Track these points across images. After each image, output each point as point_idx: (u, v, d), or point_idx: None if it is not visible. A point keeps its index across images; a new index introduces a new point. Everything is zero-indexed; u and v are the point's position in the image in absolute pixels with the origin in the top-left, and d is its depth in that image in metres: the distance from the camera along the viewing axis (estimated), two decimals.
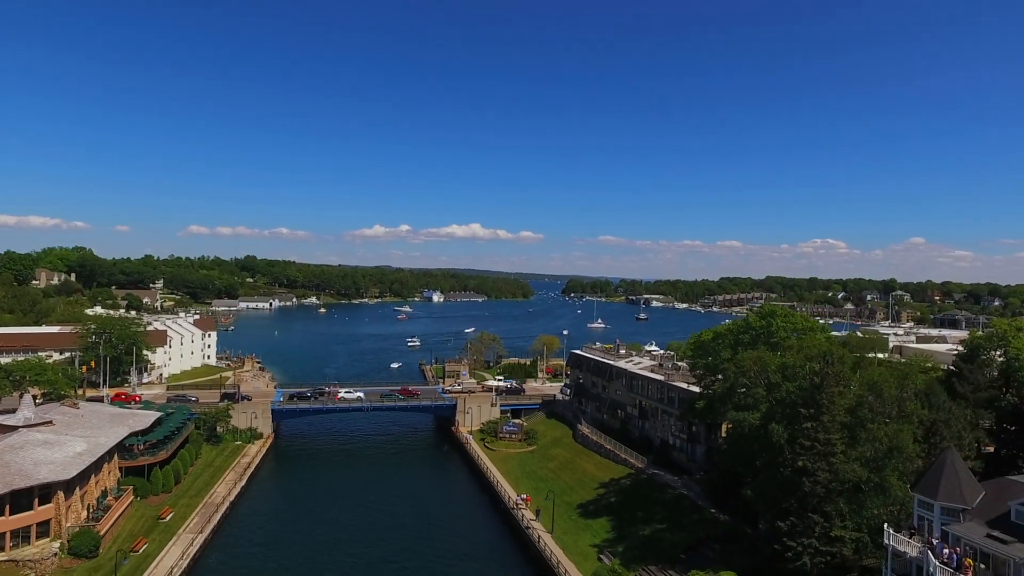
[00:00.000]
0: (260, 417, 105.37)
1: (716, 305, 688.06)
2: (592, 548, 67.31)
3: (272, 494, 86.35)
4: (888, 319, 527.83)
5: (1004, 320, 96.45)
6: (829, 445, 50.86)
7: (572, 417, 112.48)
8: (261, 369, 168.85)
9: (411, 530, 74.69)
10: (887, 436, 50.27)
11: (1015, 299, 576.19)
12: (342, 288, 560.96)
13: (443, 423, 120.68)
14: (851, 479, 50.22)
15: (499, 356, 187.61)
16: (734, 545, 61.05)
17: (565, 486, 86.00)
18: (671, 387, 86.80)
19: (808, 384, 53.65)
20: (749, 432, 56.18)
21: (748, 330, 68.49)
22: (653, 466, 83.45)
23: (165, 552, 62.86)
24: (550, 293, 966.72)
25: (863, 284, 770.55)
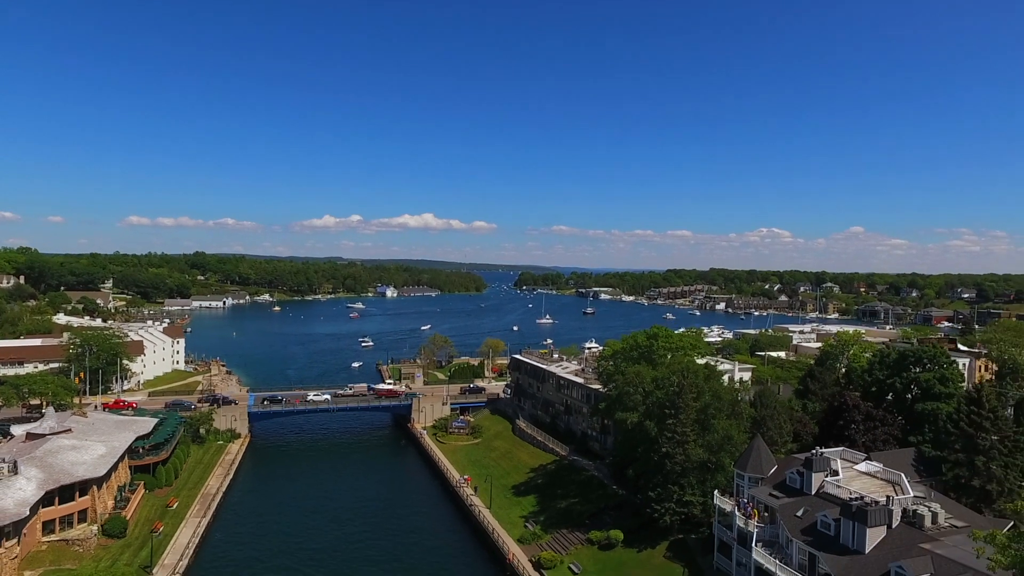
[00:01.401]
0: (238, 419, 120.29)
1: (661, 298, 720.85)
2: (521, 519, 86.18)
3: (255, 484, 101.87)
4: (817, 310, 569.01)
5: (848, 332, 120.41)
6: (684, 436, 70.95)
7: (512, 413, 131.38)
8: (228, 373, 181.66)
9: (374, 510, 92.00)
10: (723, 430, 70.72)
11: (930, 290, 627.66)
12: (295, 285, 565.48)
13: (400, 420, 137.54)
14: (699, 460, 70.48)
15: (450, 356, 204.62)
16: (625, 511, 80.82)
17: (503, 471, 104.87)
18: (588, 389, 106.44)
19: (672, 392, 73.61)
20: (632, 427, 75.89)
21: (637, 347, 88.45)
22: (574, 454, 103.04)
23: (179, 532, 78.57)
24: (503, 286, 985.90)
25: (798, 276, 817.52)
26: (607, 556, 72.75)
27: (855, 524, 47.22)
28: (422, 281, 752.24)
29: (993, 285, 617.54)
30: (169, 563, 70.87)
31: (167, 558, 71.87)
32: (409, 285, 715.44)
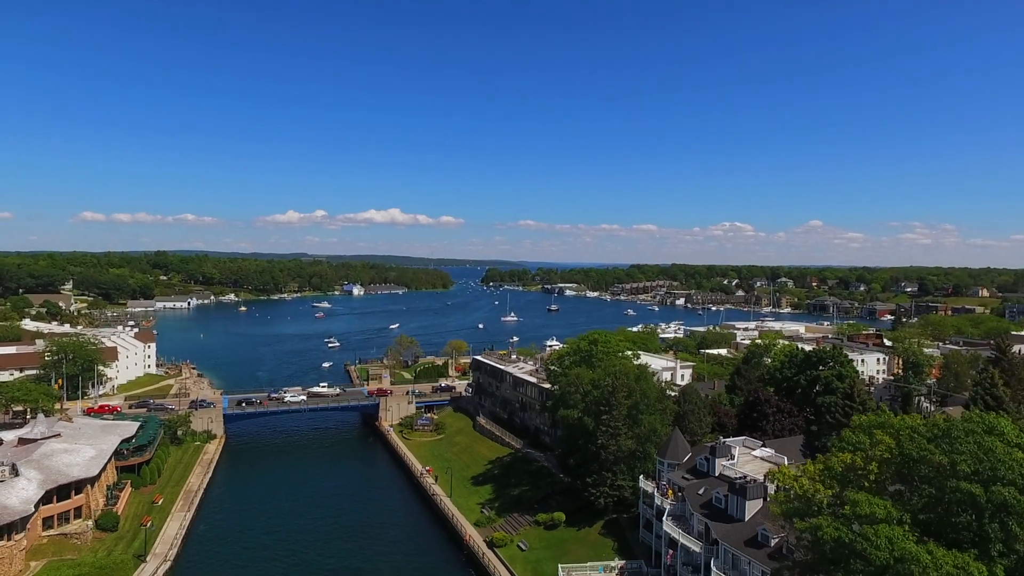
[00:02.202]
0: (214, 421, 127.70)
1: (624, 293, 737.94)
2: (478, 505, 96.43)
3: (233, 481, 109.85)
4: (771, 305, 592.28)
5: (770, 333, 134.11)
6: (616, 430, 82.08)
7: (473, 410, 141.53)
8: (199, 376, 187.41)
9: (345, 501, 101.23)
10: (649, 423, 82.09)
11: (876, 285, 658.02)
12: (260, 284, 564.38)
13: (368, 419, 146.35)
14: (629, 450, 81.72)
15: (416, 356, 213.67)
16: (569, 496, 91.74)
17: (463, 464, 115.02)
18: (541, 388, 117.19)
19: (606, 391, 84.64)
20: (573, 423, 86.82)
21: (579, 352, 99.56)
22: (527, 447, 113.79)
23: (167, 525, 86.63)
24: (470, 283, 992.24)
25: (755, 271, 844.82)
26: (551, 535, 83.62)
27: (738, 498, 58.70)
28: (389, 279, 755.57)
29: (934, 279, 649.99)
30: (160, 552, 79.14)
31: (158, 548, 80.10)
32: (376, 283, 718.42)
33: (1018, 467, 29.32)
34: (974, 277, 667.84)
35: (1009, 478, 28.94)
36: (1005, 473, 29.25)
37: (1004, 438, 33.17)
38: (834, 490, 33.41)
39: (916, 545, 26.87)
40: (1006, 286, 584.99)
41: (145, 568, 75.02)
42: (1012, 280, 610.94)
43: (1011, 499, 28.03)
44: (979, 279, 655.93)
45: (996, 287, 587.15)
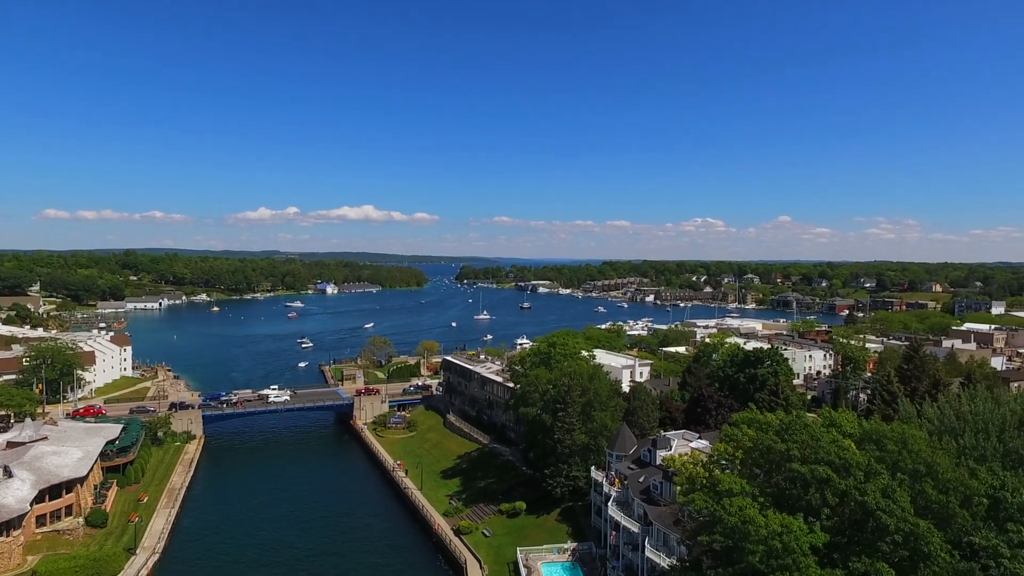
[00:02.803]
0: (194, 422, 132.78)
1: (596, 290, 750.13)
2: (447, 497, 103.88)
3: (214, 478, 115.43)
4: (737, 301, 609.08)
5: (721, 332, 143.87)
6: (571, 425, 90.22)
7: (444, 408, 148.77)
8: (176, 377, 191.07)
9: (321, 495, 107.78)
10: (601, 420, 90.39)
11: (837, 280, 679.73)
12: (232, 283, 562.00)
13: (343, 418, 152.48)
14: (582, 444, 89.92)
15: (389, 356, 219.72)
16: (530, 487, 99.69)
17: (434, 459, 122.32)
18: (506, 387, 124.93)
19: (562, 390, 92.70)
20: (533, 419, 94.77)
21: (539, 353, 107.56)
22: (494, 442, 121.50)
23: (153, 520, 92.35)
24: (444, 280, 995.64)
25: (723, 268, 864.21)
26: (512, 522, 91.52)
27: (667, 483, 67.13)
28: (363, 277, 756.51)
29: (892, 274, 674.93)
30: (148, 545, 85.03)
31: (146, 541, 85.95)
32: (350, 281, 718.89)
33: (836, 452, 37.57)
34: (931, 272, 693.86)
35: (827, 460, 37.16)
36: (823, 456, 37.46)
37: (840, 429, 41.78)
38: (710, 472, 41.67)
39: (757, 512, 34.89)
40: (958, 282, 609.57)
41: (135, 560, 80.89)
42: (963, 276, 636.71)
43: (827, 476, 36.22)
44: (935, 274, 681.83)
45: (948, 283, 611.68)
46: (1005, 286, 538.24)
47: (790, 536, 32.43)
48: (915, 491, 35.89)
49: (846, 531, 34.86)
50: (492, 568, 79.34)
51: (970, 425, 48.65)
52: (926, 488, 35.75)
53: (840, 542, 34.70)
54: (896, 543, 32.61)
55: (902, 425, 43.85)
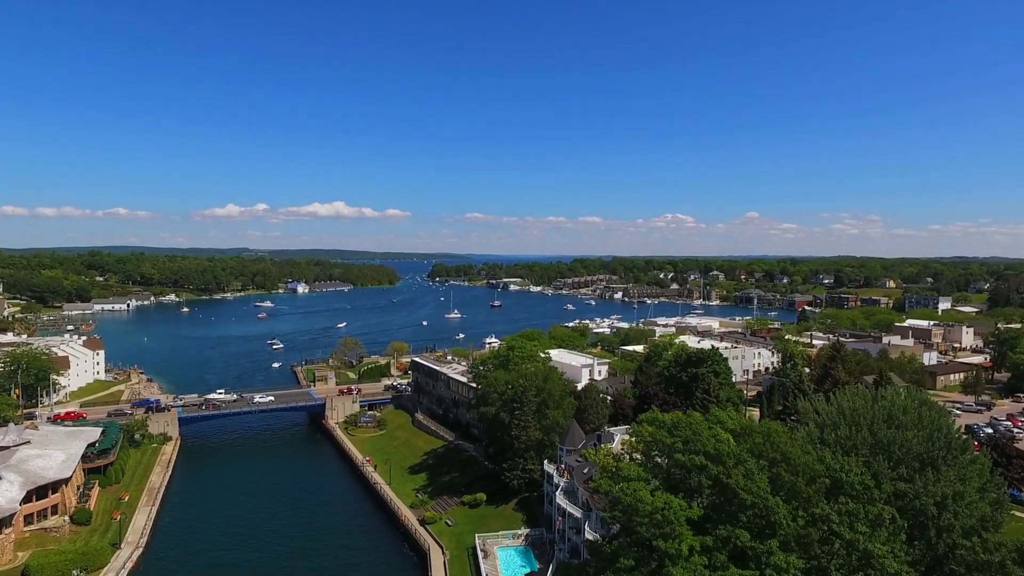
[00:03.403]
0: (170, 424, 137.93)
1: (566, 288, 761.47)
2: (413, 490, 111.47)
3: (192, 477, 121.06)
4: (702, 298, 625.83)
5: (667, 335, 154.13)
6: (526, 423, 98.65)
7: (412, 407, 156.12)
8: (149, 380, 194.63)
9: (295, 490, 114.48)
10: (553, 417, 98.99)
11: (798, 277, 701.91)
12: (202, 283, 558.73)
13: (315, 418, 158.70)
14: (537, 439, 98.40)
15: (361, 357, 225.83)
16: (490, 480, 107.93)
17: (402, 456, 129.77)
18: (470, 387, 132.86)
19: (519, 390, 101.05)
20: (492, 417, 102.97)
21: (499, 356, 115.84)
22: (459, 439, 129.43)
23: (135, 518, 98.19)
24: (416, 278, 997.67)
25: (689, 264, 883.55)
26: (473, 512, 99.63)
27: None
28: (334, 276, 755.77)
29: (850, 270, 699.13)
30: (132, 540, 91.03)
31: (129, 537, 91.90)
32: (321, 280, 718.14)
33: (712, 444, 46.27)
34: (887, 269, 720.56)
35: (703, 451, 45.83)
36: (700, 448, 46.15)
37: (723, 425, 50.77)
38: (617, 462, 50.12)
39: (647, 493, 43.28)
40: (910, 278, 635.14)
41: (120, 554, 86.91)
42: (916, 272, 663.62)
43: (703, 463, 44.81)
44: (891, 270, 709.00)
45: (901, 279, 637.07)
46: (953, 282, 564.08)
47: (670, 511, 40.83)
48: (773, 474, 44.82)
49: (717, 506, 43.56)
50: (453, 553, 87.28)
51: (846, 419, 58.07)
52: (781, 472, 44.67)
53: (712, 516, 43.38)
54: (753, 515, 41.33)
55: (768, 422, 53.00)
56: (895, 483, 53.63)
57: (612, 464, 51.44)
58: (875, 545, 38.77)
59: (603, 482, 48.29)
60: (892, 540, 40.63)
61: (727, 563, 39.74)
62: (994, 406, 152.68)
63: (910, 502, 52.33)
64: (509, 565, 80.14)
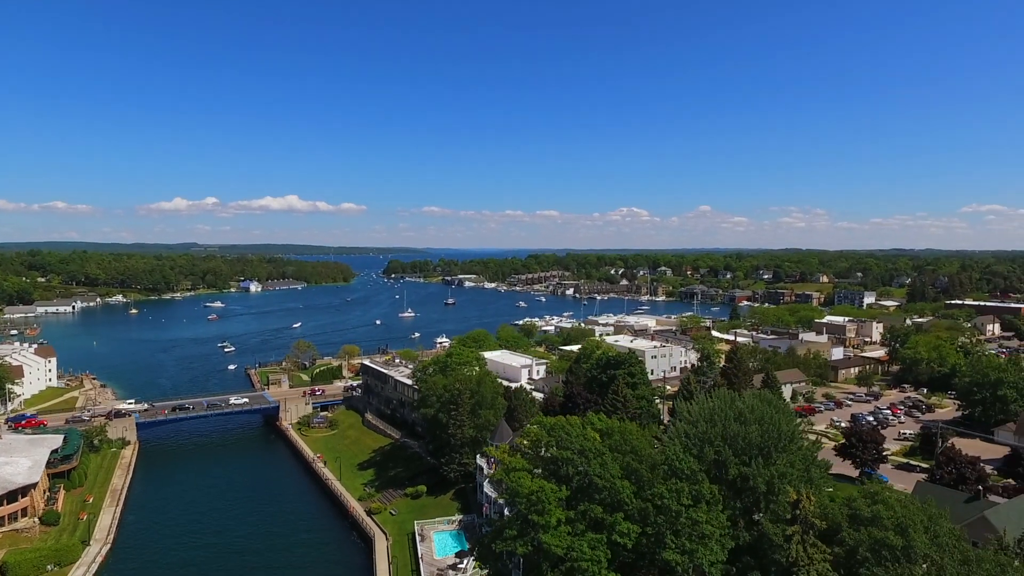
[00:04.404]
0: (128, 429, 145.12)
1: (520, 284, 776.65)
2: (362, 485, 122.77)
3: (151, 479, 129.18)
4: (649, 293, 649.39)
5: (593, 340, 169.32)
6: (462, 422, 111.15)
7: (363, 408, 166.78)
8: (102, 386, 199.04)
9: (251, 487, 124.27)
10: (485, 417, 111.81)
11: (740, 272, 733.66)
12: (150, 283, 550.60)
13: (269, 420, 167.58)
14: (471, 436, 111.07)
15: (314, 358, 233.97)
16: (432, 474, 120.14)
17: (352, 454, 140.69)
18: (415, 388, 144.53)
19: (455, 393, 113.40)
20: (432, 418, 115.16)
21: (438, 362, 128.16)
22: (404, 437, 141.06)
23: (100, 517, 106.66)
24: (372, 274, 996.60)
25: (639, 260, 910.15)
26: (415, 503, 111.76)
27: None
28: (287, 274, 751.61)
29: (789, 265, 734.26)
30: (99, 538, 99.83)
31: (97, 535, 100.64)
32: (274, 278, 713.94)
33: (579, 441, 59.75)
34: (825, 263, 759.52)
35: (571, 447, 59.27)
36: (571, 444, 59.51)
37: (594, 426, 64.40)
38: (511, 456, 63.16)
39: (528, 479, 56.23)
40: (841, 272, 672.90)
41: (89, 550, 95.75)
42: (848, 267, 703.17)
43: (570, 457, 58.21)
44: (828, 265, 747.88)
45: (834, 273, 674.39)
46: (879, 277, 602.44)
47: (543, 493, 53.65)
48: (624, 463, 58.30)
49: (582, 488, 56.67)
50: (395, 538, 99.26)
51: (704, 418, 72.35)
52: (629, 461, 58.26)
53: (578, 495, 56.50)
54: (606, 495, 54.60)
55: (627, 423, 66.89)
56: (739, 468, 68.33)
57: (505, 458, 64.21)
58: (697, 514, 52.47)
59: (498, 472, 61.09)
60: (710, 510, 54.46)
61: (585, 530, 52.86)
62: (881, 396, 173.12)
63: (749, 483, 67.02)
64: (442, 546, 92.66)
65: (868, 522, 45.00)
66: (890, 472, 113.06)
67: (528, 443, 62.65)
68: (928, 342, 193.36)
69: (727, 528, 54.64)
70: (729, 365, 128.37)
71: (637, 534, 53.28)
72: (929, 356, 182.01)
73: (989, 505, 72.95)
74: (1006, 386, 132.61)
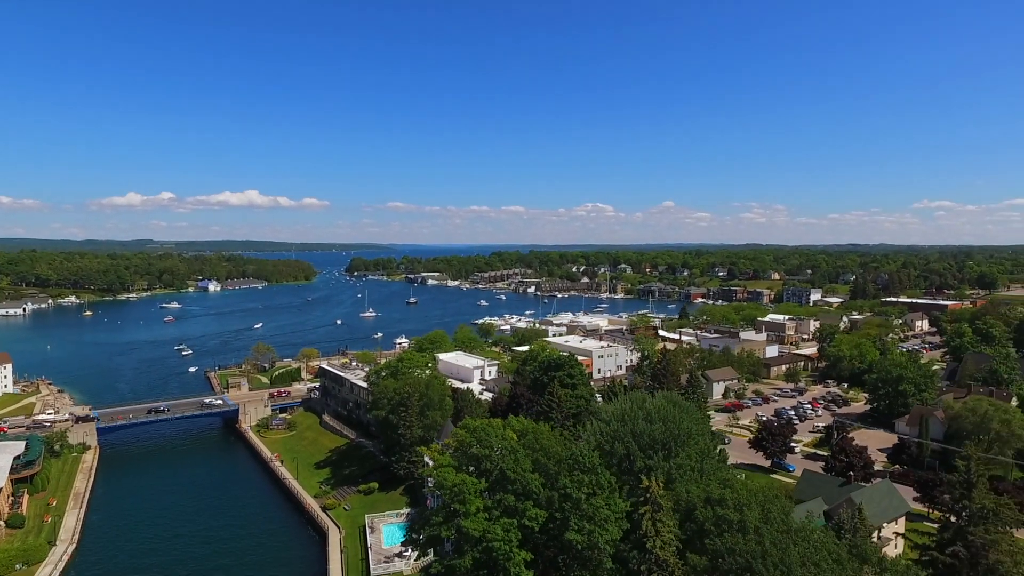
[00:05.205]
0: (89, 434, 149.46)
1: (483, 282, 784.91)
2: (318, 483, 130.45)
3: (113, 482, 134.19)
4: (608, 291, 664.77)
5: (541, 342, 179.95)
6: (410, 422, 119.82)
7: (321, 409, 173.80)
8: (59, 392, 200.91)
9: (211, 488, 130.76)
10: (433, 417, 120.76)
11: (697, 270, 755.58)
12: (104, 283, 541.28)
13: (229, 422, 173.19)
14: (420, 436, 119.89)
15: (273, 361, 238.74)
16: (384, 471, 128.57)
17: (309, 454, 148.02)
18: (369, 391, 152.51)
19: (404, 396, 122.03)
20: (383, 420, 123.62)
21: (390, 367, 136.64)
22: (359, 437, 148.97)
23: (65, 519, 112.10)
24: (334, 272, 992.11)
25: (600, 258, 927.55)
26: (368, 498, 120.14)
27: None
28: (248, 272, 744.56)
29: (744, 262, 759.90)
30: (65, 538, 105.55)
31: (62, 535, 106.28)
32: (234, 277, 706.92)
33: (498, 440, 69.45)
34: (779, 260, 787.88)
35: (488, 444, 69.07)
36: (488, 442, 69.33)
37: (512, 428, 74.52)
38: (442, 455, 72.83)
39: (452, 473, 65.66)
40: (792, 270, 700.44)
41: (56, 550, 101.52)
42: (799, 263, 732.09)
43: (488, 454, 68.25)
44: (783, 261, 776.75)
45: (785, 271, 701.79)
46: (826, 274, 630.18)
47: (464, 485, 63.03)
48: (535, 459, 68.24)
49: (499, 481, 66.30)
50: (348, 531, 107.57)
51: (616, 416, 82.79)
52: (539, 457, 68.22)
53: (496, 487, 66.09)
54: (518, 486, 64.38)
55: (540, 424, 77.01)
56: (644, 461, 78.92)
57: (436, 456, 73.39)
58: (596, 501, 62.51)
59: (426, 470, 70.26)
60: (609, 497, 64.60)
61: (500, 516, 62.36)
62: (806, 391, 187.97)
63: (651, 474, 77.59)
64: (390, 537, 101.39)
65: (716, 503, 55.61)
66: (799, 462, 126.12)
67: (455, 443, 71.71)
68: (850, 340, 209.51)
69: (624, 512, 64.73)
70: (659, 366, 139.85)
71: (545, 519, 63.03)
72: (850, 353, 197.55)
73: (856, 488, 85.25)
74: (906, 382, 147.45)
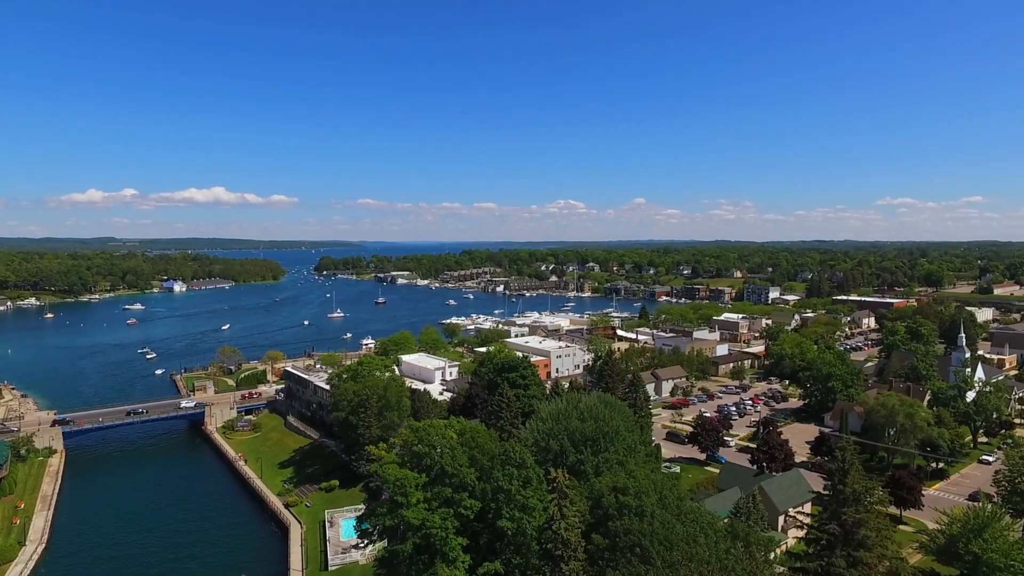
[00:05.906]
0: (55, 438, 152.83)
1: (452, 281, 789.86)
2: (281, 482, 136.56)
3: (80, 484, 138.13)
4: (576, 290, 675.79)
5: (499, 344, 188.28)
6: (370, 423, 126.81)
7: (285, 411, 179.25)
8: (23, 396, 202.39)
9: (178, 488, 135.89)
10: (391, 417, 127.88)
11: (662, 268, 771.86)
12: (65, 285, 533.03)
13: (195, 425, 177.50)
14: (379, 435, 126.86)
15: (239, 363, 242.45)
16: (345, 470, 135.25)
17: (274, 454, 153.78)
18: (332, 393, 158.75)
19: (364, 397, 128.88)
20: (344, 420, 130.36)
21: (350, 370, 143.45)
22: (323, 438, 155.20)
23: (34, 521, 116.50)
24: (303, 271, 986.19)
25: (570, 256, 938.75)
26: (329, 495, 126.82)
27: None
28: (214, 272, 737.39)
29: (709, 260, 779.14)
30: (34, 539, 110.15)
31: (31, 536, 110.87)
32: (200, 277, 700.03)
33: (438, 440, 77.37)
34: (744, 258, 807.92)
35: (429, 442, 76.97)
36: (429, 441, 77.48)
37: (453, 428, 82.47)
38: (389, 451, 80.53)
39: (396, 469, 73.44)
40: (754, 268, 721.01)
41: (26, 550, 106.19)
42: (760, 262, 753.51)
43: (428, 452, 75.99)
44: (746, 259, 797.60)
45: (747, 269, 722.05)
46: (785, 272, 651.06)
47: (406, 480, 70.64)
48: (471, 455, 76.21)
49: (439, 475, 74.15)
50: (309, 526, 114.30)
51: (552, 416, 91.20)
52: (476, 454, 76.24)
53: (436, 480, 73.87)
54: (455, 479, 72.36)
55: (476, 424, 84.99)
56: (576, 456, 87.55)
57: (382, 454, 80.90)
58: (525, 492, 70.61)
59: (373, 466, 77.88)
60: (537, 489, 72.79)
61: (439, 507, 70.19)
62: (750, 388, 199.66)
63: (582, 467, 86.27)
64: (348, 530, 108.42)
65: (620, 491, 64.17)
66: (733, 455, 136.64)
67: (400, 442, 79.29)
68: (794, 339, 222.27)
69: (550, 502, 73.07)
70: (605, 367, 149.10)
71: (480, 508, 71.05)
72: (793, 352, 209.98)
73: (767, 477, 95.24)
74: (835, 379, 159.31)
